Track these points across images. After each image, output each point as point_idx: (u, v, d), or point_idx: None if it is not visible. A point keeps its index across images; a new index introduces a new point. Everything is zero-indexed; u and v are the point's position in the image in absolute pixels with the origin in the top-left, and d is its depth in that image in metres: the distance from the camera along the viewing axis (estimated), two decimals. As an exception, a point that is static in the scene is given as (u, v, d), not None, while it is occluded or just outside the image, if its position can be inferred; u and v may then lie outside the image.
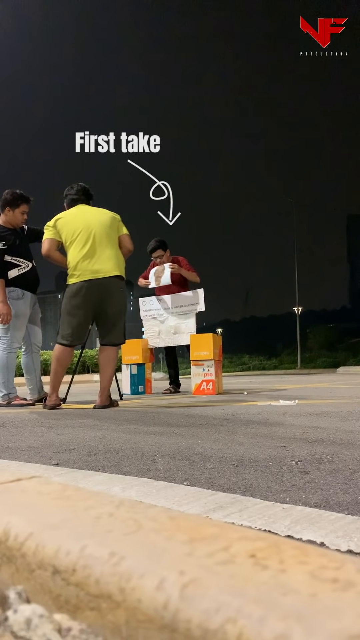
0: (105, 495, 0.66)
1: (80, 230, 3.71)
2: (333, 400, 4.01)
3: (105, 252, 3.69)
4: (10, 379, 4.33)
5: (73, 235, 3.71)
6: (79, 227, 3.72)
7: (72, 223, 3.76)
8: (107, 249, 3.70)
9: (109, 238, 3.76)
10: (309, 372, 20.20)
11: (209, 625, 0.36)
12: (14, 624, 0.46)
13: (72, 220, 3.77)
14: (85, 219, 3.76)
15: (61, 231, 3.77)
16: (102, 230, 3.74)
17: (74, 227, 3.73)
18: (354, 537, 0.81)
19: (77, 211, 3.86)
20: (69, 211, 3.90)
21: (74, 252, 3.69)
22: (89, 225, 3.73)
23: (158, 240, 5.72)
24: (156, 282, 5.65)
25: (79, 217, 3.79)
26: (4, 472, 0.82)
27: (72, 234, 3.71)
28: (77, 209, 3.89)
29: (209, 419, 2.77)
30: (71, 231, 3.73)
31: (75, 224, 3.74)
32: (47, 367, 15.89)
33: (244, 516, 0.94)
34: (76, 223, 3.75)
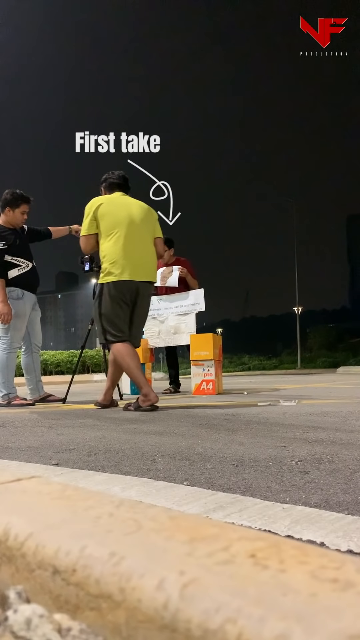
0: (105, 495, 0.66)
1: (122, 225, 3.50)
2: (333, 400, 4.01)
3: (143, 254, 3.56)
4: (10, 379, 4.33)
5: (114, 228, 3.50)
6: (121, 220, 3.51)
7: (114, 213, 3.53)
8: (145, 250, 3.58)
9: (149, 239, 3.62)
10: (309, 372, 20.20)
11: (209, 625, 0.36)
12: (14, 624, 0.46)
13: (114, 210, 3.54)
14: (128, 213, 3.56)
15: (101, 219, 3.53)
16: (143, 229, 3.58)
17: (115, 219, 3.51)
18: (354, 537, 0.81)
19: (119, 200, 3.63)
20: (110, 197, 3.66)
21: (114, 249, 3.49)
22: (132, 221, 3.53)
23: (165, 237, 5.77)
24: (162, 282, 5.68)
25: (121, 208, 3.57)
26: (4, 472, 0.82)
27: (113, 227, 3.50)
28: (119, 196, 3.66)
29: (209, 419, 2.77)
30: (112, 223, 3.51)
31: (118, 216, 3.53)
32: (47, 367, 15.93)
33: (244, 516, 0.94)
34: (119, 215, 3.53)
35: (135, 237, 3.53)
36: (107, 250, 3.52)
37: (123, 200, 3.64)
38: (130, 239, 3.50)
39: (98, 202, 3.58)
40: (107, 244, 3.52)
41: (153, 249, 3.67)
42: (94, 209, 3.55)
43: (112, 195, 3.69)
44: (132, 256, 3.50)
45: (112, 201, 3.60)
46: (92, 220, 3.55)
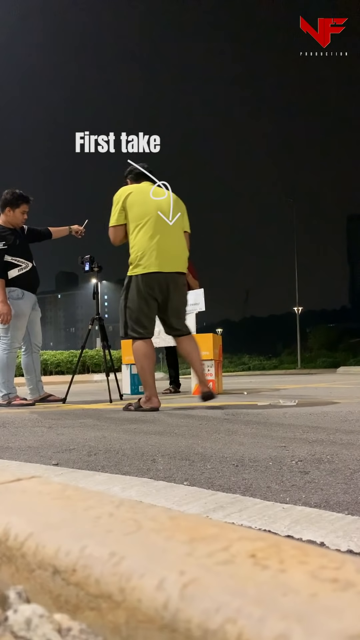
0: (105, 495, 0.66)
1: (151, 214, 3.41)
2: (333, 400, 4.01)
3: (173, 245, 3.45)
4: (10, 379, 4.32)
5: (143, 218, 3.41)
6: (151, 210, 3.42)
7: (143, 203, 3.44)
8: (175, 241, 3.48)
9: (179, 228, 3.53)
10: (309, 372, 20.19)
11: (209, 625, 0.36)
12: (14, 624, 0.46)
13: (143, 200, 3.45)
14: (157, 202, 3.46)
15: (130, 209, 3.43)
16: (171, 214, 3.47)
17: (145, 208, 3.42)
18: (354, 537, 0.81)
19: (147, 189, 3.52)
20: (138, 186, 3.56)
21: (142, 240, 3.39)
22: (161, 211, 3.44)
23: None
24: None
25: (150, 198, 3.47)
26: (4, 472, 0.82)
27: (142, 217, 3.41)
28: (147, 185, 3.57)
29: (209, 419, 2.77)
30: (142, 213, 3.41)
31: (147, 206, 3.43)
32: (47, 367, 15.93)
33: (244, 516, 0.94)
34: (148, 204, 3.44)
35: (164, 227, 3.43)
36: (136, 241, 3.42)
37: (152, 190, 3.54)
38: (159, 230, 3.41)
39: (127, 191, 3.49)
40: (136, 234, 3.42)
41: (183, 239, 3.58)
42: (122, 198, 3.46)
43: (140, 185, 3.59)
44: (161, 247, 3.39)
45: (140, 191, 3.51)
46: (121, 210, 3.46)
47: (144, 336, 3.46)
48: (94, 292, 4.92)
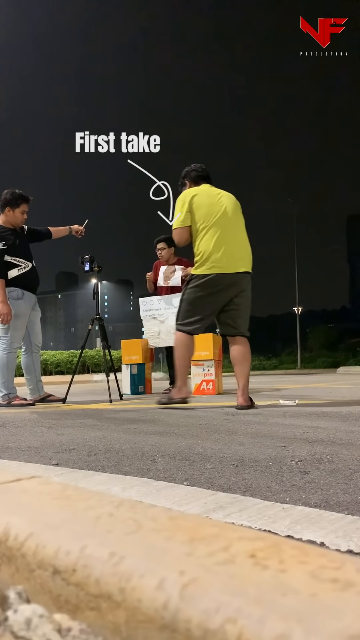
0: (105, 495, 0.66)
1: (217, 216, 3.47)
2: (333, 400, 4.01)
3: (239, 246, 3.51)
4: (10, 379, 4.32)
5: (209, 219, 3.46)
6: (216, 211, 3.48)
7: (208, 205, 3.50)
8: (240, 241, 3.54)
9: (242, 228, 3.59)
10: (309, 372, 20.19)
11: (209, 625, 0.36)
12: (14, 624, 0.46)
13: (208, 201, 3.52)
14: (221, 204, 3.53)
15: (196, 211, 3.49)
16: (235, 219, 3.56)
17: (210, 210, 3.49)
18: (354, 537, 0.81)
19: (210, 191, 3.59)
20: (200, 188, 3.61)
21: (209, 241, 3.45)
22: (225, 213, 3.50)
23: (166, 236, 5.86)
24: (165, 281, 5.70)
25: (214, 199, 3.54)
26: (4, 472, 0.82)
27: (208, 218, 3.46)
28: (208, 188, 3.63)
29: (209, 419, 2.77)
30: (207, 214, 3.47)
31: (213, 207, 3.50)
32: (47, 367, 15.93)
33: (244, 516, 0.94)
34: (214, 206, 3.51)
35: (230, 228, 3.50)
36: (202, 241, 3.48)
37: (214, 192, 3.60)
38: (225, 230, 3.47)
39: (192, 193, 3.54)
40: (203, 235, 3.48)
41: (247, 239, 3.62)
42: (188, 199, 3.51)
43: (201, 187, 3.64)
44: (227, 248, 3.45)
45: (204, 192, 3.56)
46: (188, 212, 3.51)
47: (191, 333, 3.55)
48: (94, 292, 4.92)
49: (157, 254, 5.82)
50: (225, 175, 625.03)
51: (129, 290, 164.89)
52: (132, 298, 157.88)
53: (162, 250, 5.75)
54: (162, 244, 5.76)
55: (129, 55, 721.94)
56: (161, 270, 5.75)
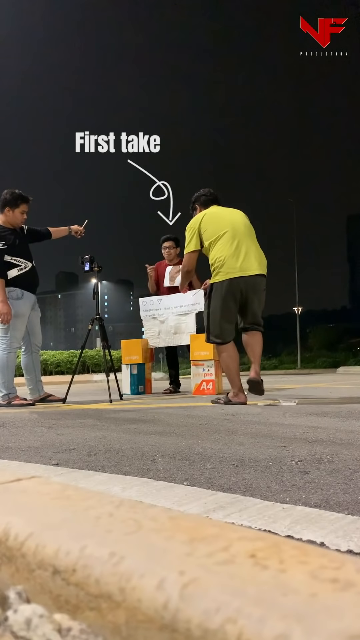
0: (105, 495, 0.66)
1: (227, 228, 3.72)
2: (333, 400, 4.01)
3: (251, 250, 3.73)
4: (10, 379, 4.32)
5: (219, 232, 3.72)
6: (225, 224, 3.74)
7: (217, 221, 3.78)
8: (252, 247, 3.76)
9: (252, 237, 3.83)
10: (309, 372, 20.19)
11: (209, 625, 0.36)
12: (14, 624, 0.46)
13: (216, 219, 3.80)
14: (230, 218, 3.81)
15: (205, 229, 3.77)
16: (245, 230, 3.80)
17: (220, 225, 3.75)
18: (354, 537, 0.81)
19: (217, 210, 3.89)
20: (209, 210, 3.91)
21: (222, 249, 3.69)
22: (234, 224, 3.76)
23: (174, 235, 5.90)
24: (170, 281, 5.72)
25: (222, 215, 3.83)
26: (4, 472, 0.82)
27: (218, 231, 3.72)
28: (216, 208, 3.93)
29: (209, 419, 2.77)
30: (217, 228, 3.74)
31: (221, 222, 3.77)
32: (47, 367, 15.92)
33: (244, 516, 0.94)
34: (222, 221, 3.78)
35: (241, 236, 3.73)
36: (217, 253, 3.70)
37: (221, 209, 3.92)
38: (237, 237, 3.70)
39: (199, 217, 3.85)
40: (216, 248, 3.72)
41: (259, 246, 3.84)
42: (197, 223, 3.82)
43: (210, 208, 3.94)
44: (241, 252, 3.67)
45: (212, 212, 3.87)
46: (197, 235, 3.82)
47: (226, 342, 3.77)
48: (94, 292, 4.92)
49: (163, 253, 5.84)
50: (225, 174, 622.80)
51: (129, 290, 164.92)
52: (132, 298, 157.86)
53: (169, 248, 5.78)
54: (170, 243, 5.79)
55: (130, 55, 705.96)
56: (167, 271, 5.76)
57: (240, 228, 3.77)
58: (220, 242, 3.70)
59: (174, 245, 5.80)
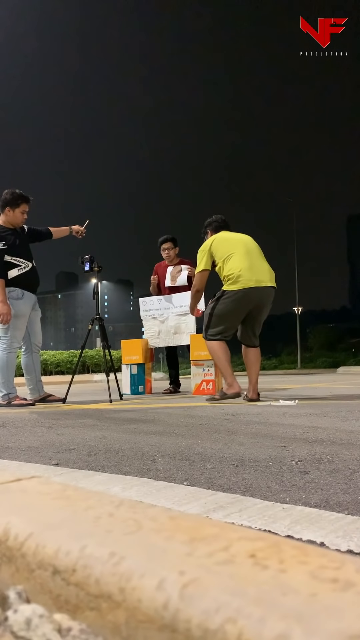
0: (105, 495, 0.66)
1: (238, 246, 4.04)
2: (333, 400, 4.01)
3: (263, 265, 4.04)
4: (10, 379, 4.32)
5: (231, 250, 4.02)
6: (236, 243, 4.07)
7: (227, 242, 4.09)
8: (263, 262, 4.07)
9: (262, 256, 4.14)
10: (309, 372, 20.17)
11: (209, 625, 0.36)
12: (14, 624, 0.46)
13: (226, 241, 4.11)
14: (239, 238, 4.15)
15: (216, 250, 4.07)
16: (255, 247, 4.12)
17: (230, 244, 4.06)
18: (354, 537, 0.81)
19: (227, 234, 4.22)
20: (219, 234, 4.23)
21: (237, 263, 3.94)
22: (245, 243, 4.09)
23: (171, 235, 5.88)
24: (172, 281, 5.72)
25: (232, 238, 4.15)
26: (4, 472, 0.82)
27: (230, 250, 4.02)
28: (226, 233, 4.26)
29: (209, 419, 2.77)
30: (229, 248, 4.04)
31: (232, 242, 4.09)
32: (47, 367, 15.92)
33: (244, 516, 0.94)
34: (232, 241, 4.10)
35: (251, 253, 4.04)
36: (231, 267, 3.95)
37: (232, 234, 4.24)
38: (249, 254, 4.01)
39: (210, 240, 4.15)
40: (231, 263, 3.97)
41: (267, 263, 4.12)
42: (208, 246, 4.11)
43: (220, 233, 4.26)
44: (254, 266, 3.96)
45: (222, 236, 4.19)
46: (209, 257, 4.11)
47: (222, 339, 4.05)
48: (94, 292, 4.92)
49: (162, 254, 5.83)
50: (225, 174, 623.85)
51: (129, 290, 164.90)
52: (132, 298, 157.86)
53: (169, 250, 5.77)
54: (169, 244, 5.78)
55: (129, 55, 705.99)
56: (168, 272, 5.76)
57: (252, 247, 4.08)
58: (234, 257, 3.97)
59: (172, 246, 5.79)
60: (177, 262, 5.83)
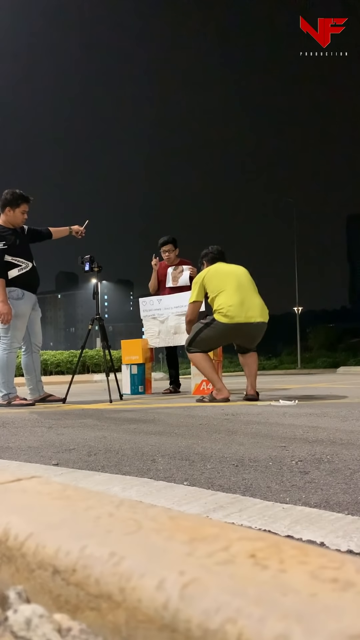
0: (105, 495, 0.66)
1: (230, 280, 4.09)
2: (333, 400, 4.01)
3: (254, 300, 4.08)
4: (10, 379, 4.32)
5: (223, 284, 4.07)
6: (229, 277, 4.12)
7: (220, 275, 4.15)
8: (254, 297, 4.11)
9: (254, 290, 4.19)
10: (309, 372, 20.16)
11: (209, 625, 0.36)
12: (14, 624, 0.46)
13: (219, 274, 4.16)
14: (232, 271, 4.19)
15: (208, 283, 4.13)
16: (248, 283, 4.16)
17: (223, 278, 4.12)
18: (354, 537, 0.81)
19: (221, 266, 4.27)
20: (213, 266, 4.28)
21: (227, 299, 4.00)
22: (237, 277, 4.14)
23: (171, 236, 5.86)
24: (173, 282, 5.72)
25: (225, 271, 4.20)
26: (4, 472, 0.82)
27: (222, 284, 4.08)
28: (219, 264, 4.30)
29: (209, 419, 2.77)
30: (220, 282, 4.10)
31: (224, 276, 4.14)
32: (47, 367, 15.92)
33: (244, 516, 0.94)
34: (225, 275, 4.15)
35: (244, 288, 4.09)
36: (222, 301, 4.02)
37: (224, 265, 4.29)
38: (240, 289, 4.06)
39: (204, 273, 4.23)
40: (222, 297, 4.04)
41: (260, 297, 4.18)
42: (202, 278, 4.19)
43: (215, 265, 4.31)
44: (244, 304, 4.00)
45: (217, 268, 4.24)
46: (201, 288, 4.18)
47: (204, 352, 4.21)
48: (94, 292, 4.92)
49: (162, 256, 5.82)
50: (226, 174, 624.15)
51: (129, 290, 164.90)
52: (132, 298, 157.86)
53: (169, 252, 5.76)
54: (169, 246, 5.77)
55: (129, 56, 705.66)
56: (168, 272, 5.76)
57: (244, 281, 4.12)
58: (225, 293, 4.02)
59: (172, 248, 5.78)
60: (178, 263, 5.82)
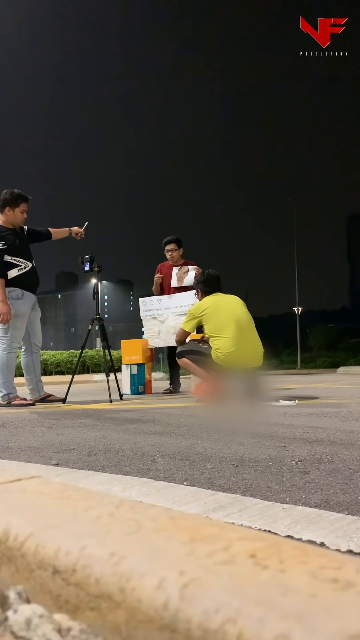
0: (105, 495, 0.66)
1: (230, 324, 4.02)
2: (333, 400, 4.01)
3: (251, 347, 4.08)
4: (10, 379, 4.32)
5: (222, 327, 4.01)
6: (228, 320, 4.03)
7: (219, 314, 4.07)
8: (252, 338, 4.11)
9: (252, 328, 4.17)
10: (309, 372, 20.16)
11: (209, 625, 0.36)
12: (14, 624, 0.46)
13: (218, 313, 4.08)
14: (231, 311, 4.11)
15: (207, 321, 4.10)
16: (246, 321, 4.13)
17: (223, 319, 4.05)
18: (354, 537, 0.81)
19: (219, 302, 4.18)
20: (211, 301, 4.19)
21: (226, 345, 3.97)
22: (237, 319, 4.06)
23: (176, 236, 5.84)
24: (178, 282, 5.71)
25: (224, 309, 4.12)
26: (4, 472, 0.82)
27: (222, 326, 4.02)
28: (217, 298, 4.24)
29: (209, 419, 2.77)
30: (220, 323, 4.03)
31: (224, 317, 4.06)
32: (47, 367, 15.91)
33: (244, 516, 0.94)
34: (224, 316, 4.07)
35: (241, 329, 4.03)
36: (218, 344, 4.00)
37: (221, 300, 4.21)
38: (237, 332, 3.99)
39: (203, 307, 4.15)
40: (219, 339, 4.01)
41: (257, 336, 4.18)
42: (200, 312, 4.14)
43: (211, 298, 4.23)
44: (241, 348, 3.97)
45: (215, 305, 4.14)
46: (196, 323, 4.18)
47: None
48: (94, 292, 4.92)
49: (166, 256, 5.80)
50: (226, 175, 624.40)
51: (129, 290, 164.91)
52: (132, 298, 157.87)
53: (172, 251, 5.74)
54: (173, 245, 5.75)
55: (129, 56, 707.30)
56: (173, 272, 5.74)
57: (243, 323, 4.07)
58: (224, 339, 3.97)
59: (176, 248, 5.76)
60: (183, 263, 5.81)
